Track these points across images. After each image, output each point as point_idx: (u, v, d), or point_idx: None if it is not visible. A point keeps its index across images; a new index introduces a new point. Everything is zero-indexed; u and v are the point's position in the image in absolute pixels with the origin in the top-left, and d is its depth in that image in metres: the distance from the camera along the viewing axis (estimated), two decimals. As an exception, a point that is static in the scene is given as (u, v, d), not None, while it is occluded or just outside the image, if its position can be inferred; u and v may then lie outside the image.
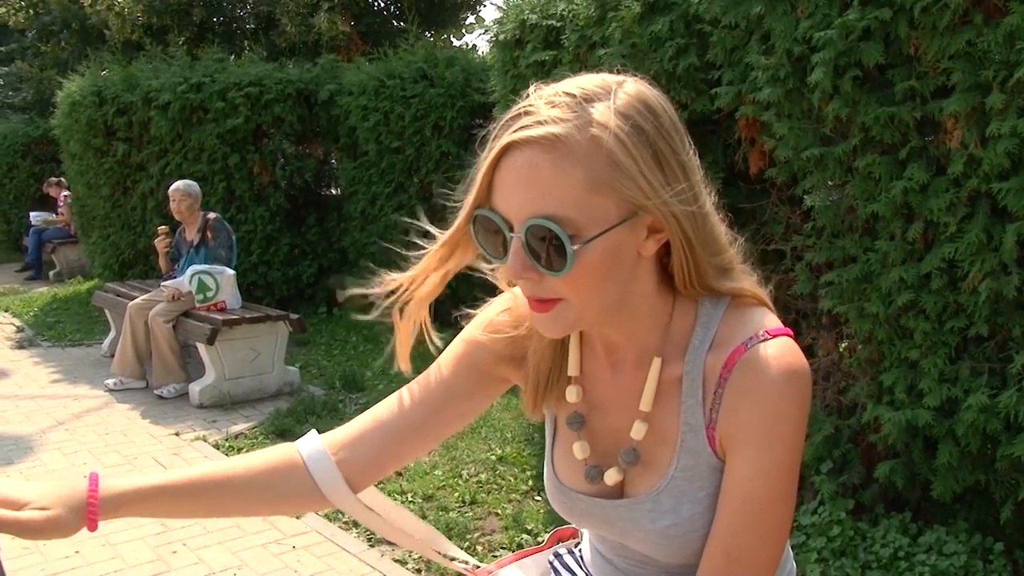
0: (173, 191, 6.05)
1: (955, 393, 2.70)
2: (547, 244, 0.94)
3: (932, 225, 2.71)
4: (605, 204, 0.94)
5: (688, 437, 1.05)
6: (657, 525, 1.07)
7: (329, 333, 7.46)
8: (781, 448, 1.00)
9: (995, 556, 2.80)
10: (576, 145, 0.93)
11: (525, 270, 0.96)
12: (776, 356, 1.01)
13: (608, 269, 0.97)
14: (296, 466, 1.15)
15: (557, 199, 0.93)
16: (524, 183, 0.94)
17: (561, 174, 0.93)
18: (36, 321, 8.54)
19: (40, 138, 12.63)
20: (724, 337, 1.04)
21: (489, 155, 0.98)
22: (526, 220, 0.94)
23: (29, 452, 4.63)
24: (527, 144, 0.94)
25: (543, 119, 0.95)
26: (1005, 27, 2.38)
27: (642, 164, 0.95)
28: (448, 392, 1.20)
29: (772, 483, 1.00)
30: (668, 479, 1.06)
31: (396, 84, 7.12)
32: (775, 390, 0.99)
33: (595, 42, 3.78)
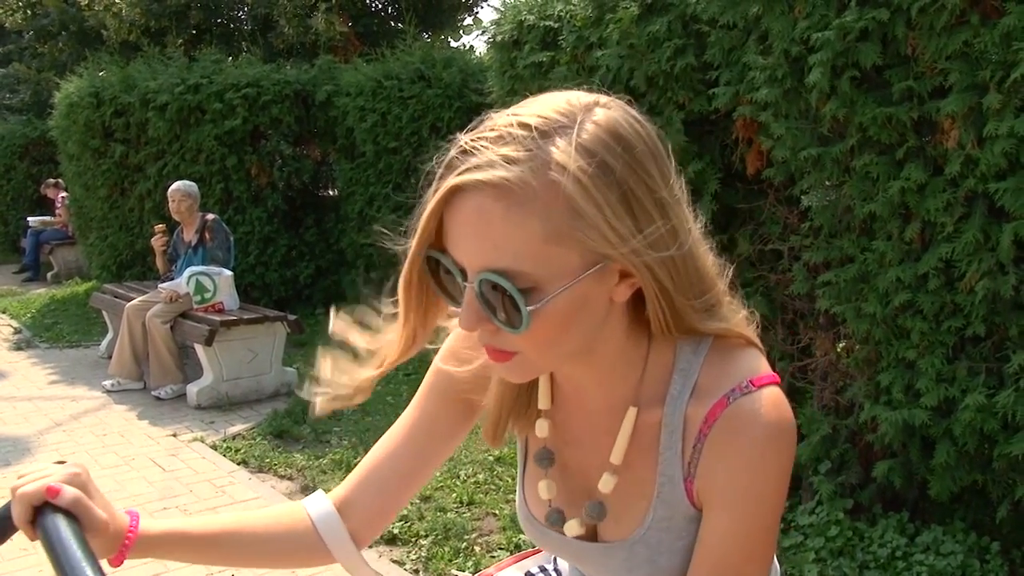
0: (173, 192, 6.04)
1: (952, 393, 2.71)
2: (502, 299, 0.85)
3: (929, 225, 2.72)
4: (567, 255, 0.85)
5: (665, 489, 1.00)
6: (633, 575, 1.03)
7: (326, 334, 7.42)
8: (761, 509, 0.94)
9: (992, 555, 2.80)
10: (531, 191, 0.82)
11: (479, 322, 0.88)
12: (759, 413, 0.93)
13: (571, 321, 0.89)
14: (306, 527, 1.15)
15: (511, 252, 0.83)
16: (474, 232, 0.85)
17: (514, 225, 0.83)
18: (34, 322, 8.54)
19: (37, 139, 12.62)
20: (705, 386, 0.96)
21: (435, 197, 0.87)
22: (478, 271, 0.85)
23: (26, 453, 4.63)
24: (475, 188, 0.84)
25: (493, 160, 0.83)
26: (1002, 27, 2.38)
27: (607, 211, 0.84)
28: (428, 429, 1.17)
29: (750, 543, 0.95)
30: (645, 529, 1.01)
31: (393, 85, 7.13)
32: (757, 451, 0.93)
33: (593, 43, 3.78)
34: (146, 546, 1.05)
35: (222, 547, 1.11)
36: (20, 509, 0.96)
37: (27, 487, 0.97)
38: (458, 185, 0.85)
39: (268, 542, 1.14)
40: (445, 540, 3.43)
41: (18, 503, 0.97)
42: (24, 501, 0.96)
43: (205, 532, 1.11)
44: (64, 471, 1.00)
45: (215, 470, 4.37)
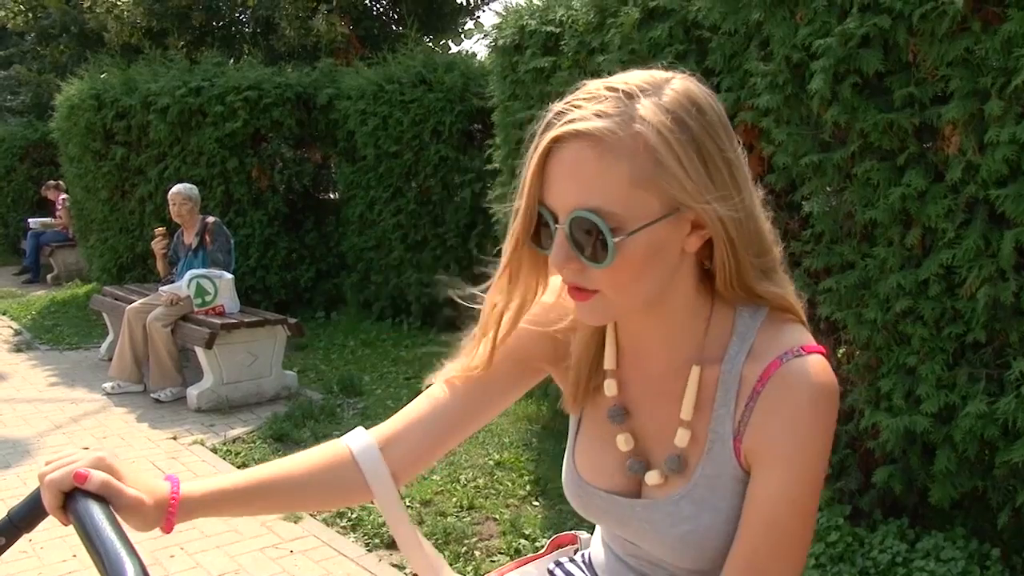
0: (173, 194, 6.05)
1: (953, 399, 2.71)
2: (591, 236, 0.96)
3: (930, 231, 2.72)
4: (648, 199, 0.96)
5: (716, 446, 1.06)
6: (676, 530, 1.08)
7: (327, 337, 7.46)
8: (809, 467, 1.01)
9: (992, 562, 2.80)
10: (620, 141, 0.94)
11: (568, 261, 0.98)
12: (810, 374, 1.01)
13: (649, 264, 0.99)
14: (346, 461, 1.17)
15: (601, 193, 0.95)
16: (569, 176, 0.97)
17: (605, 169, 0.95)
18: (34, 324, 8.54)
19: (38, 141, 12.64)
20: (761, 349, 1.04)
21: (537, 149, 0.99)
22: (570, 212, 0.96)
23: (26, 455, 4.63)
24: (573, 138, 0.96)
25: (588, 114, 0.96)
26: (1003, 34, 2.39)
27: (685, 162, 0.96)
28: (486, 384, 1.21)
29: (798, 501, 1.01)
30: (691, 486, 1.07)
31: (395, 88, 7.13)
32: (807, 409, 1.00)
33: (594, 48, 3.79)
34: (192, 508, 1.07)
35: (266, 495, 1.14)
36: (50, 496, 0.99)
37: (55, 474, 1.00)
38: (557, 137, 0.97)
39: (309, 482, 1.16)
40: (445, 545, 3.43)
41: (48, 490, 1.00)
42: (53, 488, 0.99)
43: (247, 484, 1.13)
44: (90, 456, 1.03)
45: (215, 473, 4.36)
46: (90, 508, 0.96)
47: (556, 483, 4.02)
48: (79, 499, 0.97)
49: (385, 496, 1.17)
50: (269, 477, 1.14)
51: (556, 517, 3.63)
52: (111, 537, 0.91)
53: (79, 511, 0.96)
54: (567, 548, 1.47)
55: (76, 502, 0.97)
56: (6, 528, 1.04)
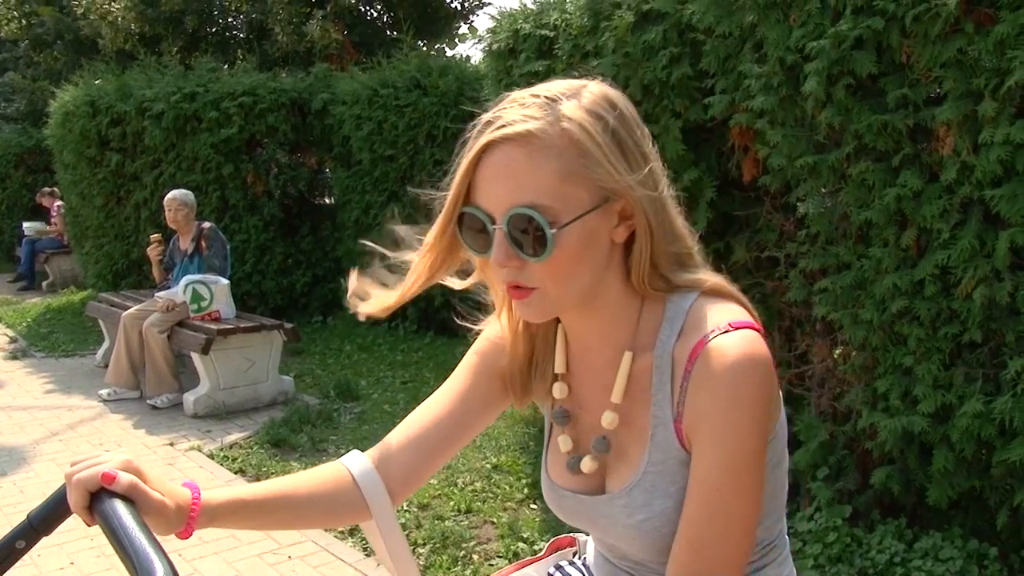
0: (169, 200, 6.04)
1: (949, 399, 2.71)
2: (528, 232, 1.01)
3: (925, 232, 2.73)
4: (578, 192, 1.02)
5: (658, 431, 1.09)
6: (632, 520, 1.10)
7: (323, 342, 7.45)
8: (738, 437, 1.01)
9: (990, 561, 2.80)
10: (548, 139, 1.01)
11: (508, 259, 1.03)
12: (733, 346, 1.02)
13: (583, 255, 1.04)
14: (348, 484, 1.21)
15: (534, 189, 1.01)
16: (503, 177, 1.02)
17: (536, 166, 1.01)
18: (29, 332, 8.52)
19: (33, 148, 12.62)
20: (690, 330, 1.08)
21: (468, 155, 1.05)
22: (507, 211, 1.02)
23: (23, 463, 4.62)
24: (504, 142, 1.02)
25: (517, 118, 1.03)
26: (996, 35, 2.40)
27: (608, 152, 1.03)
28: (466, 402, 1.26)
29: (731, 472, 1.02)
30: (640, 474, 1.10)
31: (389, 93, 7.14)
32: (730, 379, 1.01)
33: (588, 51, 3.79)
34: (210, 516, 1.10)
35: (274, 512, 1.17)
36: (77, 495, 1.01)
37: (83, 474, 1.01)
38: (488, 142, 1.03)
39: (315, 503, 1.19)
40: (443, 548, 3.43)
41: (75, 489, 1.01)
42: (80, 487, 1.00)
43: (258, 498, 1.15)
44: (118, 458, 1.04)
45: (212, 479, 4.36)
46: (117, 508, 0.97)
47: (554, 486, 4.03)
48: (106, 499, 0.98)
49: (383, 515, 1.21)
50: (279, 494, 1.17)
51: (554, 520, 3.62)
52: (140, 537, 0.92)
53: (106, 511, 0.97)
54: (566, 551, 1.47)
55: (103, 502, 0.98)
56: (25, 531, 1.05)
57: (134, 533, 0.93)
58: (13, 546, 1.05)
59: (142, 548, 0.91)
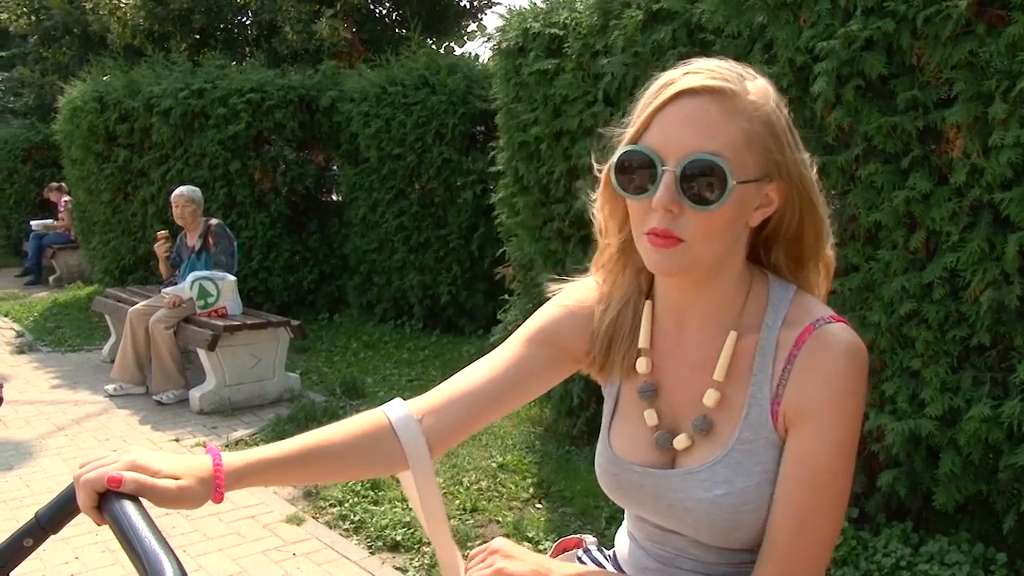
0: (176, 196, 6.05)
1: (957, 403, 2.70)
2: (704, 179, 1.04)
3: (934, 234, 2.72)
4: (749, 161, 1.06)
5: (753, 411, 1.11)
6: (710, 494, 1.11)
7: (330, 339, 7.46)
8: (846, 422, 1.06)
9: (997, 567, 2.79)
10: (742, 102, 1.06)
11: (671, 202, 1.04)
12: (842, 336, 1.08)
13: (734, 220, 1.08)
14: (385, 431, 1.20)
15: (722, 141, 1.04)
16: (691, 124, 1.05)
17: (729, 120, 1.05)
18: (36, 326, 8.54)
19: (41, 143, 12.65)
20: (794, 317, 1.12)
21: (658, 98, 1.08)
22: (688, 155, 1.04)
23: (29, 457, 4.63)
24: (700, 92, 1.06)
25: (715, 75, 1.07)
26: (1007, 37, 2.39)
27: (789, 136, 1.10)
28: (522, 367, 1.26)
29: (837, 455, 1.06)
30: (727, 450, 1.12)
31: (398, 91, 7.14)
32: (842, 366, 1.07)
33: (598, 50, 3.79)
34: (238, 477, 1.10)
35: (305, 463, 1.16)
36: (85, 496, 1.02)
37: (89, 475, 1.02)
38: (685, 89, 1.06)
39: (347, 451, 1.18)
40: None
41: (83, 490, 1.02)
42: (88, 488, 1.02)
43: (287, 453, 1.15)
44: (125, 459, 1.05)
45: (217, 475, 4.36)
46: (125, 508, 0.98)
47: (559, 486, 4.02)
48: (114, 500, 1.00)
49: (421, 466, 1.20)
50: (308, 446, 1.16)
51: (559, 520, 3.63)
52: (148, 536, 0.94)
53: (114, 511, 0.98)
54: (572, 552, 1.47)
55: (111, 502, 1.00)
56: (33, 529, 1.06)
57: (142, 532, 0.94)
58: (21, 544, 1.05)
59: (151, 548, 0.92)
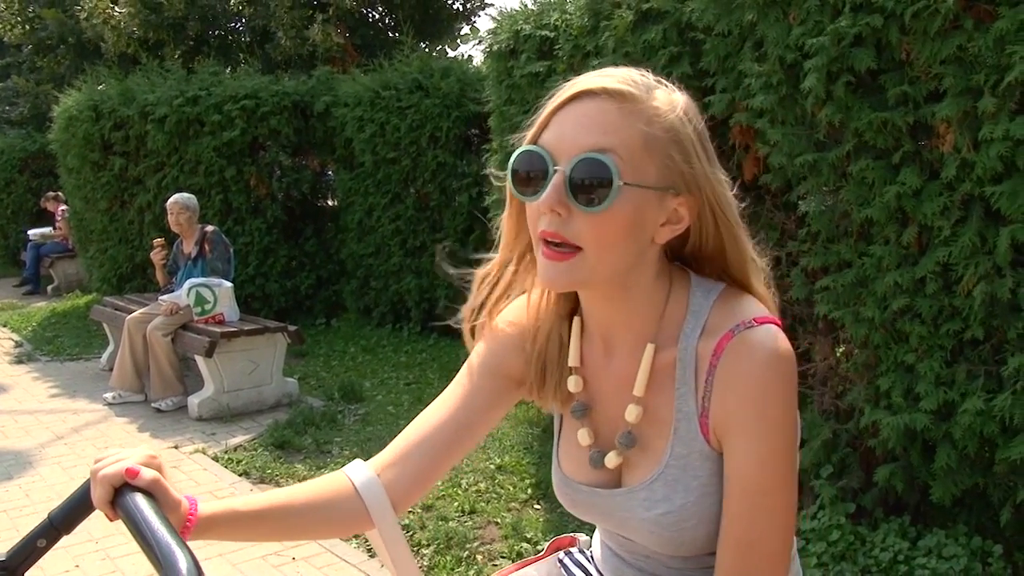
0: (171, 204, 6.06)
1: (952, 396, 2.71)
2: (591, 179, 1.00)
3: (926, 229, 2.72)
4: (650, 166, 1.02)
5: (681, 425, 1.09)
6: (651, 513, 1.10)
7: (328, 344, 7.46)
8: (773, 433, 1.03)
9: (994, 559, 2.80)
10: (644, 106, 1.03)
11: (558, 203, 1.01)
12: (760, 343, 1.04)
13: (630, 229, 1.03)
14: (349, 493, 1.19)
15: (615, 140, 1.01)
16: (588, 123, 1.02)
17: (625, 122, 1.02)
18: (34, 336, 8.54)
19: (37, 153, 12.64)
20: (713, 325, 1.08)
21: (559, 98, 1.06)
22: (578, 154, 1.01)
23: (28, 467, 4.63)
24: (600, 93, 1.03)
25: (620, 79, 1.05)
26: (995, 31, 2.39)
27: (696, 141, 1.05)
28: (470, 404, 1.24)
29: (769, 468, 1.03)
30: (662, 467, 1.10)
31: (391, 95, 7.14)
32: (761, 377, 1.03)
33: (589, 51, 3.80)
34: (206, 527, 1.10)
35: (271, 521, 1.15)
36: (101, 490, 1.02)
37: (107, 469, 1.03)
38: (585, 89, 1.04)
39: (314, 512, 1.17)
40: (447, 549, 3.43)
41: (99, 485, 1.03)
42: (105, 483, 1.02)
43: (255, 509, 1.15)
44: (142, 454, 1.07)
45: (217, 481, 4.37)
46: (139, 503, 0.99)
47: (558, 486, 4.03)
48: (128, 494, 1.00)
49: (386, 526, 1.19)
50: (276, 504, 1.16)
51: (558, 520, 3.63)
52: (163, 530, 0.94)
53: (128, 505, 0.99)
54: (570, 549, 1.47)
55: (125, 497, 1.00)
56: (47, 530, 1.07)
57: (157, 526, 0.95)
58: (35, 545, 1.06)
59: (165, 541, 0.92)
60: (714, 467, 1.08)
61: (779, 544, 1.04)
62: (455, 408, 1.23)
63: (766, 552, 1.03)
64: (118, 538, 3.59)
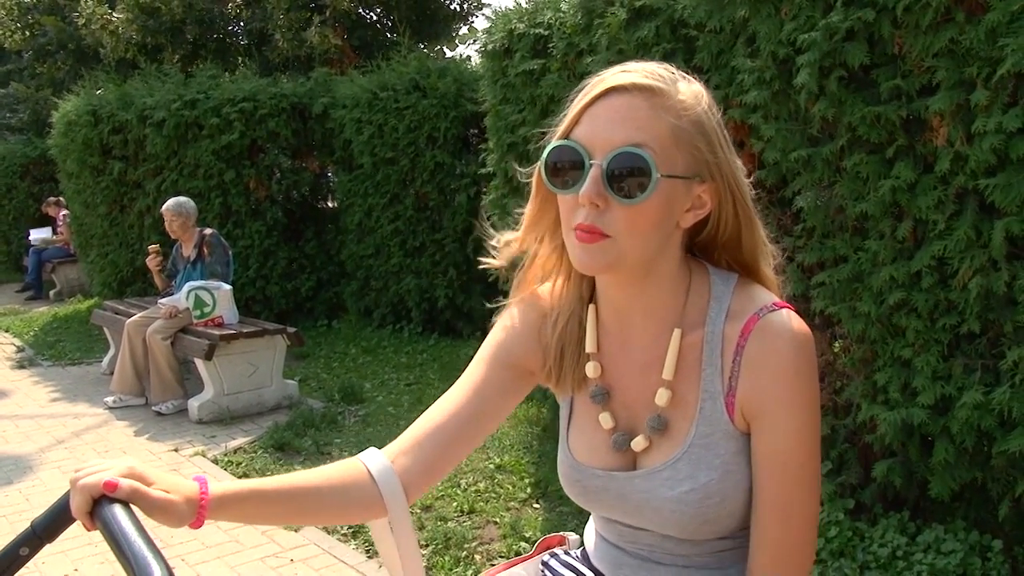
0: (164, 210, 6.08)
1: (949, 391, 2.70)
2: (630, 173, 1.05)
3: (921, 223, 2.71)
4: (679, 157, 1.07)
5: (707, 405, 1.13)
6: (675, 492, 1.13)
7: (328, 346, 7.46)
8: (805, 409, 1.09)
9: (993, 553, 2.79)
10: (671, 101, 1.07)
11: (597, 196, 1.05)
12: (787, 324, 1.10)
13: (661, 217, 1.08)
14: (365, 480, 1.19)
15: (648, 135, 1.05)
16: (620, 119, 1.06)
17: (656, 117, 1.06)
18: (36, 341, 8.55)
19: (38, 158, 12.65)
20: (737, 309, 1.13)
21: (589, 94, 1.09)
22: (615, 149, 1.05)
23: (28, 471, 4.63)
24: (630, 88, 1.07)
25: (646, 74, 1.09)
26: (987, 24, 2.38)
27: (720, 137, 1.10)
28: (481, 394, 1.26)
29: (804, 442, 1.09)
30: (686, 446, 1.13)
31: (389, 96, 7.14)
32: (791, 356, 1.09)
33: (582, 49, 3.79)
34: (219, 506, 1.10)
35: (287, 502, 1.16)
36: (80, 500, 1.02)
37: (86, 480, 1.03)
38: (615, 86, 1.08)
39: (329, 495, 1.18)
40: (445, 549, 3.43)
41: (79, 494, 1.03)
42: (85, 493, 1.02)
43: (272, 488, 1.15)
44: (121, 465, 1.06)
45: (216, 484, 4.36)
46: (117, 514, 0.99)
47: (557, 486, 4.01)
48: (106, 505, 1.01)
49: (399, 515, 1.20)
50: (289, 485, 1.17)
51: (557, 519, 3.62)
52: (137, 540, 0.95)
53: (106, 516, 0.99)
54: (555, 548, 1.47)
55: (103, 508, 1.01)
56: (29, 538, 1.07)
57: (132, 537, 0.95)
58: (17, 553, 1.07)
59: (140, 552, 0.93)
60: (736, 446, 1.12)
61: (814, 508, 1.11)
62: (467, 398, 1.25)
63: (803, 520, 1.10)
64: (117, 542, 3.59)
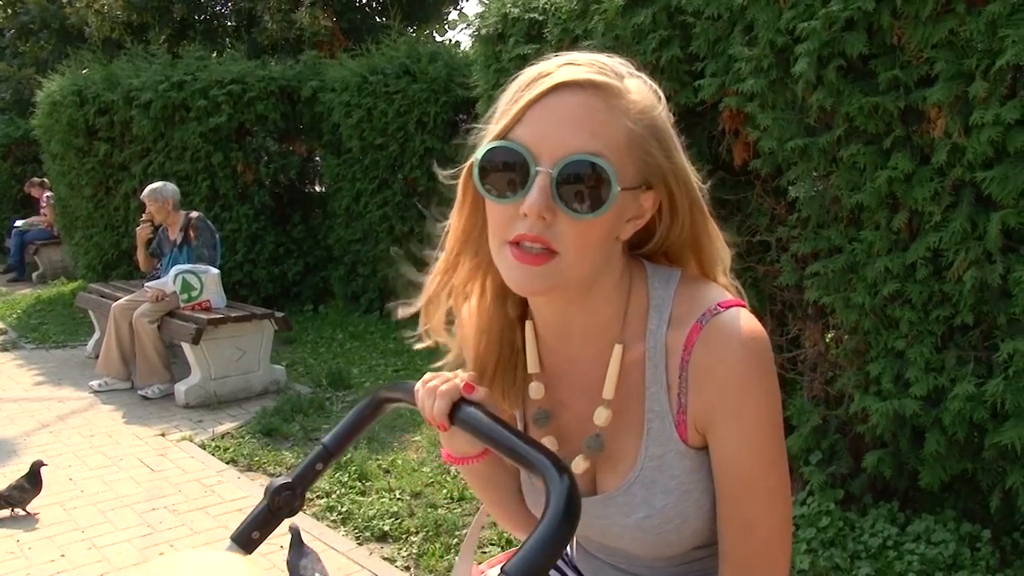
0: (144, 196, 6.05)
1: (941, 382, 2.71)
2: (583, 184, 0.93)
3: (917, 215, 2.71)
4: (629, 165, 0.97)
5: (654, 425, 1.04)
6: (631, 519, 1.07)
7: (315, 331, 7.42)
8: (759, 416, 1.00)
9: (983, 543, 2.81)
10: (625, 101, 0.96)
11: (545, 208, 0.93)
12: (731, 328, 1.00)
13: (608, 232, 0.98)
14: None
15: (604, 141, 0.94)
16: (572, 121, 0.94)
17: (614, 119, 0.95)
18: (19, 323, 8.47)
19: (21, 139, 12.51)
20: (679, 315, 1.04)
21: (535, 89, 0.96)
22: (567, 156, 0.93)
23: (13, 455, 4.59)
24: (584, 86, 0.95)
25: (599, 69, 0.97)
26: (987, 15, 2.38)
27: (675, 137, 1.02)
28: None
29: (762, 453, 1.01)
30: (638, 470, 1.06)
31: (379, 80, 7.09)
32: (738, 362, 0.99)
33: (578, 35, 3.76)
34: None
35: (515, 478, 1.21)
36: (442, 404, 1.03)
37: (445, 386, 1.03)
38: (566, 81, 0.95)
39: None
40: (436, 536, 3.42)
41: (440, 399, 1.03)
42: (446, 397, 1.03)
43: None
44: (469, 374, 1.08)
45: (204, 469, 4.34)
46: (474, 413, 1.02)
47: (547, 473, 4.02)
48: (463, 407, 1.03)
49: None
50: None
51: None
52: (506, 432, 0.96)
53: (470, 415, 1.02)
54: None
55: (461, 410, 1.03)
56: (321, 455, 1.15)
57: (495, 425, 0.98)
58: (314, 468, 1.15)
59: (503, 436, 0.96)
60: (692, 464, 1.04)
61: (779, 520, 1.03)
62: None
63: (769, 529, 1.02)
64: (105, 527, 3.57)
